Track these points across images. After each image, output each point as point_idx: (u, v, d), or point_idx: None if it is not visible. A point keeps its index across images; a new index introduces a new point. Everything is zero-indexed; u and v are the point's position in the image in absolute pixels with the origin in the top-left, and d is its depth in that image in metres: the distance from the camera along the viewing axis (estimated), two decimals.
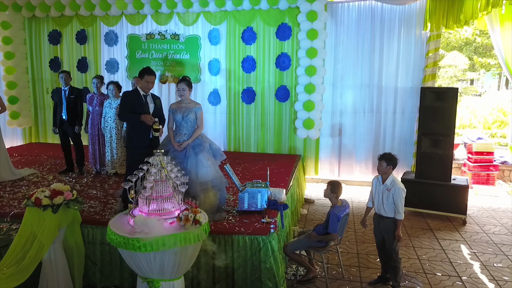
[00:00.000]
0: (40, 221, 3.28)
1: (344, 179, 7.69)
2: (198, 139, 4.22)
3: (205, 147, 4.18)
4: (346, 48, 7.33)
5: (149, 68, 4.35)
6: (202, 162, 4.08)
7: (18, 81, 8.35)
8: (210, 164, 4.12)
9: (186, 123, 4.18)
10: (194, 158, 4.07)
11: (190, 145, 4.15)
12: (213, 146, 4.33)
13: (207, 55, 7.79)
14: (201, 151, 4.13)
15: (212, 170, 4.11)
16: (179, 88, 4.20)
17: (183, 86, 4.19)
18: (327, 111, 7.50)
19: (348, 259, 4.76)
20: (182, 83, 4.20)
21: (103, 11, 7.76)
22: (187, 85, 4.22)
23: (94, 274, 4.01)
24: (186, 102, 4.25)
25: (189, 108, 4.21)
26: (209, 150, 4.23)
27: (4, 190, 5.15)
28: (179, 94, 4.24)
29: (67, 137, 6.17)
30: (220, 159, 4.36)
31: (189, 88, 4.24)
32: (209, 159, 4.17)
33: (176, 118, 4.21)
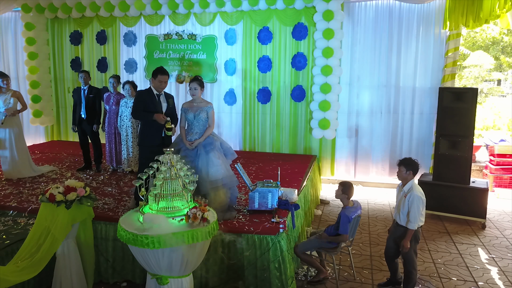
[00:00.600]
0: (54, 216, 3.36)
1: (360, 180, 7.61)
2: (209, 138, 4.26)
3: (216, 146, 4.21)
4: (363, 48, 7.23)
5: (162, 68, 4.39)
6: (213, 161, 4.10)
7: (41, 80, 8.57)
8: (220, 162, 4.14)
9: (198, 122, 4.22)
10: (205, 157, 4.10)
11: (201, 144, 4.19)
12: (224, 145, 4.35)
13: (223, 55, 7.83)
14: (212, 150, 4.16)
15: (223, 168, 4.13)
16: (191, 88, 4.26)
17: (195, 86, 4.24)
18: (344, 111, 7.43)
19: (361, 261, 4.70)
20: (194, 83, 4.25)
21: (122, 12, 7.89)
22: (199, 84, 4.26)
23: (107, 270, 4.09)
24: (197, 101, 4.29)
25: (201, 107, 4.24)
26: (220, 149, 4.26)
27: (24, 186, 5.31)
28: (191, 93, 4.29)
29: (85, 135, 6.31)
30: (231, 158, 4.38)
31: (201, 88, 4.28)
32: (220, 157, 4.19)
33: (187, 117, 4.26)
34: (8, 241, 3.64)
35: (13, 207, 4.47)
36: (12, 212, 4.41)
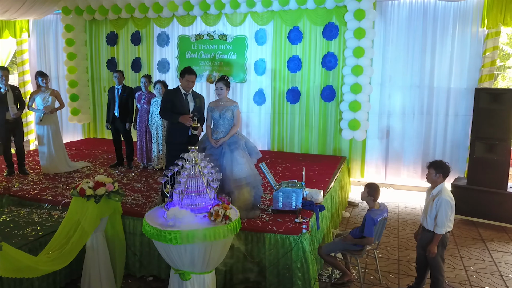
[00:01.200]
0: (84, 209, 3.49)
1: (391, 183, 7.44)
2: (234, 136, 4.30)
3: (240, 144, 4.25)
4: (396, 47, 7.06)
5: (189, 68, 4.48)
6: (237, 160, 4.14)
7: (79, 80, 8.92)
8: (245, 161, 4.17)
9: (223, 121, 4.27)
10: (229, 155, 4.15)
11: (226, 143, 4.23)
12: (249, 144, 4.38)
13: (253, 55, 7.86)
14: (236, 149, 4.20)
15: (247, 167, 4.16)
16: (217, 87, 4.32)
17: (221, 85, 4.30)
18: (375, 112, 7.28)
19: (388, 265, 4.60)
20: (220, 83, 4.31)
21: (155, 13, 8.09)
22: (225, 84, 4.31)
23: (134, 263, 4.21)
24: (223, 100, 4.35)
25: (227, 106, 4.29)
26: (244, 148, 4.29)
27: (60, 181, 5.55)
28: (217, 93, 4.35)
29: (118, 133, 6.51)
30: (256, 157, 4.40)
31: (227, 87, 4.34)
32: (244, 156, 4.23)
33: (213, 116, 4.32)
34: (42, 233, 3.82)
35: (48, 200, 4.69)
36: (47, 205, 4.63)
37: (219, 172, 3.42)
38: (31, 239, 3.67)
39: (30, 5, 7.95)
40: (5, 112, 5.72)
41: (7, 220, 4.12)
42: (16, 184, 5.35)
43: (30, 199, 4.80)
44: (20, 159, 5.98)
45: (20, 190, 5.05)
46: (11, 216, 4.25)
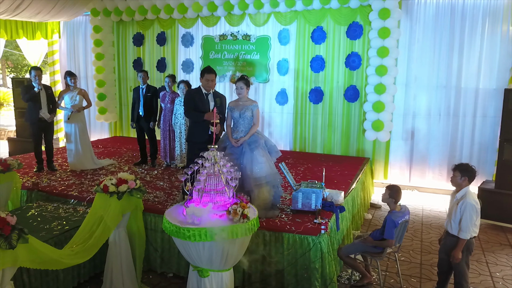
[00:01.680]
0: (107, 205, 3.58)
1: (415, 185, 7.30)
2: (254, 136, 4.32)
3: (260, 144, 4.26)
4: (422, 47, 6.91)
5: (209, 67, 4.55)
6: (257, 159, 4.16)
7: (106, 79, 9.15)
8: (264, 160, 4.18)
9: (243, 120, 4.30)
10: (249, 154, 4.17)
11: (246, 142, 4.26)
12: (268, 143, 4.39)
13: (276, 55, 7.87)
14: (256, 148, 4.22)
15: (267, 166, 4.17)
16: (237, 87, 4.35)
17: (241, 85, 4.32)
18: (399, 113, 7.15)
19: (410, 268, 4.52)
20: (240, 82, 4.34)
21: (180, 14, 8.21)
22: (245, 83, 4.34)
23: (155, 259, 4.29)
24: (243, 100, 4.37)
25: (246, 105, 4.32)
26: (264, 147, 4.30)
27: (86, 177, 5.71)
28: (237, 92, 4.38)
29: (142, 132, 6.64)
30: (276, 156, 4.40)
31: (247, 87, 4.36)
32: (264, 155, 4.24)
33: (233, 116, 4.35)
34: (68, 227, 3.94)
35: (74, 196, 4.84)
36: (73, 200, 4.78)
37: (238, 171, 3.45)
38: (57, 233, 3.80)
39: (60, 7, 8.23)
40: (39, 111, 5.94)
41: (35, 215, 4.28)
42: (44, 180, 5.54)
43: (57, 194, 4.97)
44: (49, 156, 6.20)
45: (48, 186, 5.23)
46: (39, 210, 4.41)
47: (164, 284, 4.13)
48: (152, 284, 4.11)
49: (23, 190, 5.08)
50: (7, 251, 2.62)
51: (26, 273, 3.41)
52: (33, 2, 7.63)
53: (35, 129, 6.02)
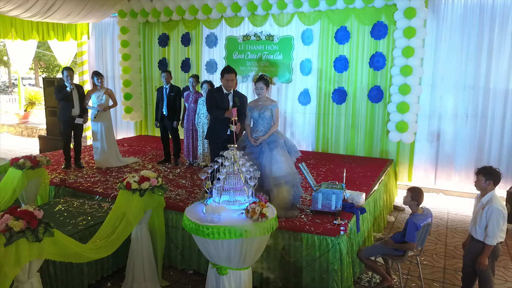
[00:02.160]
0: (129, 202, 3.67)
1: (440, 188, 7.13)
2: (274, 135, 4.32)
3: (279, 143, 4.27)
4: (448, 47, 6.74)
5: (228, 67, 4.60)
6: (276, 158, 4.16)
7: (132, 79, 9.36)
8: (284, 160, 4.19)
9: (263, 120, 4.32)
10: (268, 154, 4.18)
11: (265, 141, 4.27)
12: (288, 143, 4.40)
13: (299, 55, 7.85)
14: (275, 147, 4.22)
15: (286, 166, 4.17)
16: (257, 87, 4.36)
17: (261, 85, 4.34)
18: (424, 114, 7.00)
19: (432, 273, 4.43)
20: (259, 82, 4.35)
21: (204, 15, 8.30)
22: (265, 83, 4.35)
23: (176, 256, 4.37)
24: (263, 100, 4.39)
25: (266, 105, 4.34)
26: (283, 146, 4.31)
27: (111, 175, 5.87)
28: (256, 92, 4.40)
29: (166, 131, 6.76)
30: (295, 156, 4.40)
31: (266, 87, 4.38)
32: (283, 155, 4.24)
33: (253, 115, 4.38)
34: (92, 222, 4.06)
35: (99, 192, 4.98)
36: (98, 197, 4.92)
37: (257, 171, 3.47)
38: (82, 228, 3.92)
39: (89, 8, 8.47)
40: (71, 109, 6.14)
41: (62, 210, 4.43)
42: (71, 176, 5.72)
43: (83, 191, 5.13)
44: (77, 153, 6.40)
45: (75, 182, 5.40)
46: (66, 206, 4.57)
47: (184, 280, 4.20)
48: (172, 280, 4.19)
49: (51, 186, 5.27)
50: (33, 244, 2.73)
51: (52, 266, 3.53)
52: (63, 4, 7.88)
53: (66, 127, 6.23)
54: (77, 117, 6.22)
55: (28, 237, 2.69)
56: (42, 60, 25.58)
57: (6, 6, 7.32)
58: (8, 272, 2.66)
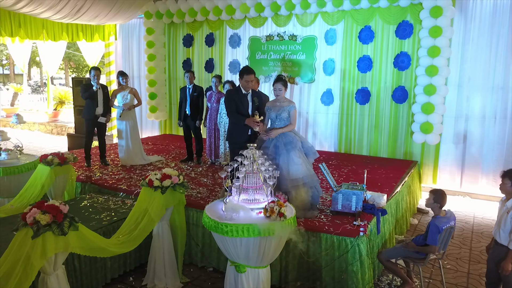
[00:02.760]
0: (151, 199, 3.76)
1: (467, 191, 6.95)
2: (290, 136, 4.27)
3: (296, 145, 4.22)
4: (476, 46, 6.56)
5: (247, 68, 4.58)
6: (294, 160, 4.13)
7: (157, 79, 9.53)
8: (301, 162, 4.15)
9: (280, 122, 4.28)
10: (285, 156, 4.15)
11: (282, 142, 4.21)
12: (305, 144, 4.36)
13: (323, 55, 7.81)
14: (293, 149, 4.18)
15: (303, 168, 4.14)
16: (275, 88, 4.32)
17: (279, 86, 4.30)
18: (450, 115, 6.84)
19: (456, 277, 4.33)
20: (278, 83, 4.31)
21: (228, 16, 8.37)
22: (283, 85, 4.31)
23: (196, 253, 4.43)
24: (281, 101, 4.35)
25: (283, 106, 4.29)
26: (300, 148, 4.25)
27: (135, 172, 6.00)
28: (275, 93, 4.35)
29: (189, 130, 6.86)
30: (313, 158, 4.36)
31: (285, 88, 4.34)
32: (301, 157, 4.20)
33: (270, 116, 4.36)
34: (116, 218, 4.18)
35: (123, 189, 5.11)
36: (122, 194, 5.04)
37: (276, 170, 3.48)
38: (106, 223, 4.03)
39: (116, 10, 8.69)
40: (95, 108, 6.32)
41: (87, 205, 4.57)
42: (97, 173, 5.89)
43: (108, 187, 5.27)
44: (102, 151, 6.57)
45: (100, 179, 5.56)
46: (91, 202, 4.71)
47: (204, 277, 4.26)
48: (192, 277, 4.25)
49: (78, 182, 5.44)
50: (59, 237, 2.83)
51: (77, 259, 3.65)
52: (92, 6, 8.12)
53: (89, 125, 6.41)
54: (100, 115, 6.38)
55: (54, 231, 2.79)
56: (72, 60, 26.39)
57: (38, 8, 7.60)
58: (35, 263, 2.78)
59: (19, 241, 2.76)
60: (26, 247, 2.74)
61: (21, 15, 8.05)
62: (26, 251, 2.74)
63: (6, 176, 5.03)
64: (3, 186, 5.09)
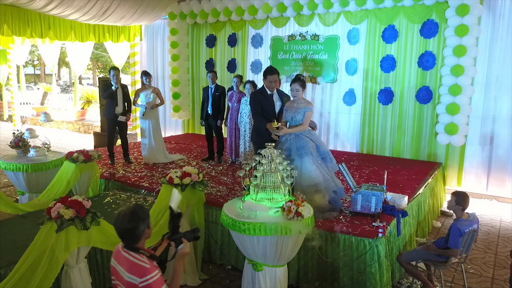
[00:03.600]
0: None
1: (493, 194, 6.75)
2: (303, 141, 4.14)
3: (309, 150, 4.09)
4: (505, 45, 6.34)
5: (270, 68, 4.53)
6: (306, 166, 4.00)
7: (180, 79, 9.66)
8: (315, 168, 4.02)
9: (295, 123, 4.22)
10: (298, 161, 4.01)
11: (295, 146, 4.11)
12: (322, 148, 4.23)
13: (345, 55, 7.74)
14: (306, 154, 4.05)
15: (317, 174, 4.01)
16: (293, 89, 4.21)
17: (297, 87, 4.18)
18: (477, 116, 6.65)
19: (479, 282, 4.22)
20: (295, 84, 4.20)
21: (251, 16, 8.40)
22: (301, 85, 4.20)
23: (215, 251, 4.48)
24: (298, 102, 4.24)
25: (300, 108, 4.19)
26: (314, 153, 4.13)
27: (157, 170, 6.11)
28: (292, 94, 4.24)
29: (210, 129, 6.93)
30: (331, 162, 4.25)
31: (303, 88, 4.23)
32: (315, 162, 4.07)
33: (286, 117, 4.29)
34: None
35: (145, 187, 5.21)
36: (143, 191, 5.14)
37: (294, 170, 3.48)
38: None
39: (142, 11, 8.86)
40: (114, 107, 6.46)
41: (110, 202, 4.69)
42: (120, 171, 6.03)
43: (130, 185, 5.39)
44: (124, 149, 6.72)
45: (123, 177, 5.69)
46: (114, 198, 4.83)
47: (223, 275, 4.30)
48: (211, 274, 4.30)
49: (102, 179, 5.58)
50: (82, 231, 2.93)
51: (100, 254, 3.76)
52: (118, 7, 8.31)
53: (111, 124, 6.56)
54: (120, 115, 6.50)
55: (77, 225, 2.89)
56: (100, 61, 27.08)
57: (67, 10, 7.84)
58: (59, 256, 2.89)
59: (44, 234, 2.87)
60: (51, 240, 2.85)
61: (50, 17, 8.33)
62: (51, 244, 2.85)
63: (34, 172, 5.22)
64: (31, 182, 5.28)
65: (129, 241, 2.18)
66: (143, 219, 2.20)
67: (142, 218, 2.19)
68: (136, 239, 2.18)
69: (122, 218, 2.15)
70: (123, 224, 2.14)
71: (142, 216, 2.20)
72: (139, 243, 2.21)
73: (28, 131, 6.06)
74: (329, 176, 4.17)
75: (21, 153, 5.53)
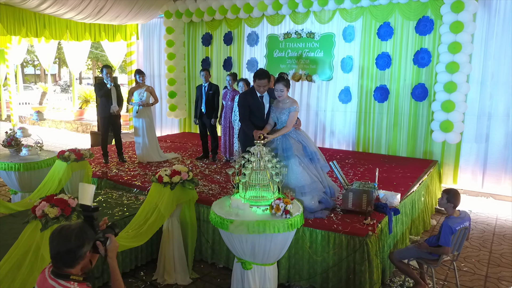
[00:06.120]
0: (161, 195, 3.81)
1: (489, 192, 6.71)
2: (290, 142, 4.06)
3: (295, 151, 3.99)
4: (500, 42, 6.30)
5: (260, 71, 4.31)
6: (293, 168, 3.91)
7: (176, 78, 9.63)
8: (301, 170, 3.93)
9: (280, 125, 4.13)
10: (284, 163, 3.87)
11: (281, 148, 4.02)
12: (309, 148, 4.13)
13: (341, 53, 7.70)
14: (292, 156, 3.96)
15: (304, 176, 3.92)
16: (277, 89, 4.05)
17: (281, 87, 4.03)
18: (472, 113, 6.61)
19: (472, 280, 4.19)
20: (279, 84, 4.03)
21: (246, 14, 8.37)
22: (285, 85, 4.06)
23: (207, 250, 4.45)
24: (284, 101, 4.12)
25: (284, 108, 4.08)
26: (301, 154, 4.05)
27: (150, 169, 6.09)
28: (277, 95, 4.09)
29: (205, 128, 6.90)
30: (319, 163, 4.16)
31: (287, 88, 4.10)
32: (301, 164, 3.98)
33: (272, 117, 4.21)
34: (127, 213, 4.24)
35: (137, 186, 5.19)
36: (135, 190, 5.12)
37: (284, 167, 3.45)
38: (117, 218, 4.10)
39: (137, 10, 8.84)
40: (110, 106, 6.43)
41: (102, 200, 4.67)
42: (113, 169, 6.00)
43: (122, 183, 5.36)
44: (118, 148, 6.70)
45: (115, 175, 5.66)
46: (105, 197, 4.81)
47: (214, 274, 4.28)
48: (202, 273, 4.27)
49: (94, 178, 5.56)
50: None
51: None
52: (113, 6, 8.29)
53: (105, 123, 6.54)
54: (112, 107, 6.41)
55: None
56: (99, 60, 27.07)
57: (61, 9, 7.82)
58: (45, 255, 2.86)
59: (29, 233, 2.86)
60: (36, 238, 2.82)
61: (45, 16, 8.30)
62: (35, 242, 2.83)
63: (27, 171, 5.21)
64: (24, 181, 5.27)
65: (64, 263, 1.86)
66: (89, 239, 1.93)
67: (89, 238, 1.93)
68: (73, 263, 1.87)
69: (66, 233, 1.85)
70: (66, 240, 1.84)
71: (90, 236, 1.94)
72: (74, 268, 1.89)
73: (20, 130, 6.04)
74: (317, 177, 4.09)
75: (13, 152, 5.52)
